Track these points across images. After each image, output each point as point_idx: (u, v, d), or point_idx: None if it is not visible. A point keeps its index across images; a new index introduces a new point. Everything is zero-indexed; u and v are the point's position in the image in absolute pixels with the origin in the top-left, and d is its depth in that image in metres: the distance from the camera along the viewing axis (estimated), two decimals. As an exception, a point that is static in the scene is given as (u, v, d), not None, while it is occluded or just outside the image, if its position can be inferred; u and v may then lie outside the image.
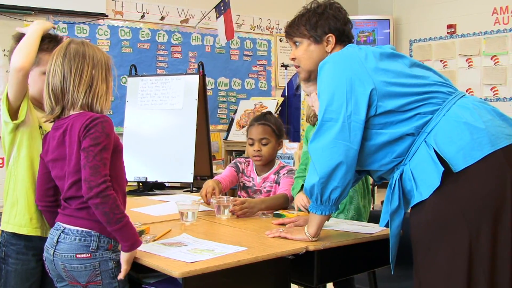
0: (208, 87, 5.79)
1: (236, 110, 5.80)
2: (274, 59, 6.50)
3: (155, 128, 4.27)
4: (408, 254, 1.77)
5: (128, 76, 4.52)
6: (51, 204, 1.81)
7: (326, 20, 1.94)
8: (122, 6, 5.39)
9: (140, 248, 1.68)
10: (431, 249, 1.65)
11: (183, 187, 4.38)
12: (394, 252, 1.78)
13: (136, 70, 4.54)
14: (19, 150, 1.92)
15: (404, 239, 1.80)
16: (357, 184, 2.31)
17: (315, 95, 2.24)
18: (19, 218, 1.91)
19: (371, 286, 2.23)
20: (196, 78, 4.25)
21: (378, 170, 1.82)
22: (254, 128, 2.60)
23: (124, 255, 1.65)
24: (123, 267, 1.66)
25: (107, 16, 5.25)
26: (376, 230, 2.02)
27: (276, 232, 1.93)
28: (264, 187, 2.61)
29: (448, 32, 6.54)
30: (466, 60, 6.39)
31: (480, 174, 1.61)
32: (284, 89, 5.78)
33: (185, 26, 5.81)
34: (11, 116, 1.87)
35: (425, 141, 1.69)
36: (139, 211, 2.46)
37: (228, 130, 5.67)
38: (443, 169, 1.61)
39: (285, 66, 5.74)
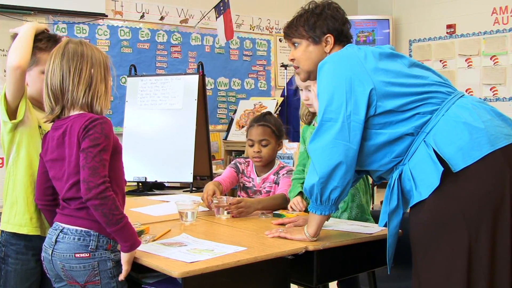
0: (208, 87, 5.79)
1: (235, 110, 5.80)
2: (273, 59, 6.51)
3: (154, 128, 4.26)
4: (407, 254, 1.77)
5: (127, 76, 4.52)
6: (50, 203, 1.81)
7: (325, 21, 1.93)
8: (122, 6, 5.39)
9: (140, 248, 1.68)
10: (431, 249, 1.66)
11: (183, 187, 4.37)
12: (391, 252, 1.78)
13: (135, 70, 4.54)
14: (18, 150, 1.92)
15: (403, 239, 1.80)
16: (358, 182, 2.31)
17: (312, 87, 2.25)
18: (19, 218, 1.91)
19: (370, 286, 2.23)
20: (195, 78, 4.25)
21: (377, 170, 1.82)
22: (253, 129, 2.59)
23: (124, 256, 1.65)
24: (124, 267, 1.66)
25: (107, 16, 5.25)
26: (375, 230, 2.02)
27: (275, 232, 1.93)
28: (264, 188, 2.61)
29: (447, 32, 6.54)
30: (466, 60, 6.40)
31: (479, 174, 1.61)
32: (284, 89, 5.78)
33: (184, 26, 5.81)
34: (9, 115, 1.86)
35: (424, 141, 1.69)
36: (138, 211, 2.46)
37: (228, 130, 5.66)
38: (442, 169, 1.61)
39: (284, 66, 5.74)
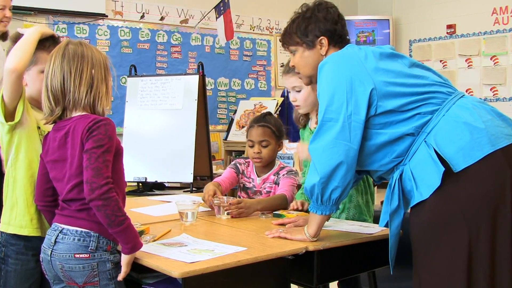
0: (208, 87, 5.79)
1: (235, 110, 5.80)
2: (273, 59, 6.51)
3: (154, 128, 4.26)
4: (407, 254, 1.77)
5: (127, 76, 4.52)
6: (51, 204, 1.81)
7: (315, 24, 1.92)
8: (122, 6, 5.39)
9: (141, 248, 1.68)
10: (431, 248, 1.66)
11: (183, 187, 4.37)
12: (393, 252, 1.78)
13: (135, 70, 4.54)
14: (17, 152, 1.92)
15: (403, 239, 1.80)
16: (358, 183, 2.30)
17: (299, 88, 2.26)
18: (20, 219, 1.91)
19: (371, 286, 2.23)
20: (195, 78, 4.25)
21: (378, 170, 1.82)
22: (254, 130, 2.59)
23: (125, 257, 1.65)
24: (123, 269, 1.66)
25: (107, 16, 5.26)
26: (376, 230, 2.02)
27: (275, 232, 1.93)
28: (264, 188, 2.60)
29: (447, 32, 6.54)
30: (466, 60, 6.40)
31: (480, 174, 1.61)
32: (284, 89, 5.78)
33: (184, 26, 5.81)
34: (6, 117, 1.86)
35: (425, 141, 1.69)
36: (138, 211, 2.46)
37: (228, 130, 5.66)
38: (444, 169, 1.61)
39: (284, 66, 5.73)
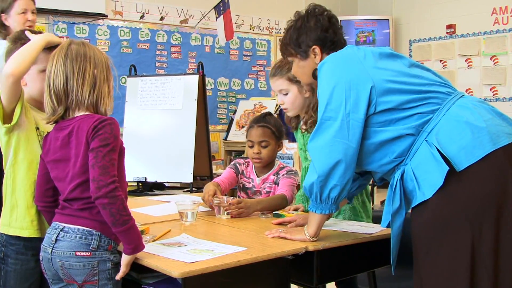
0: (208, 87, 5.79)
1: (235, 110, 5.80)
2: (273, 59, 6.50)
3: (154, 128, 4.26)
4: (408, 254, 1.77)
5: (127, 76, 4.51)
6: (51, 204, 1.81)
7: (306, 34, 1.92)
8: (122, 6, 5.39)
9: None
10: (433, 248, 1.66)
11: (183, 187, 4.37)
12: (395, 253, 1.78)
13: (135, 70, 4.53)
14: (16, 153, 1.92)
15: (404, 239, 1.80)
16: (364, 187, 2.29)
17: (286, 90, 2.26)
18: (20, 221, 1.90)
19: (371, 286, 2.23)
20: (195, 78, 4.24)
21: (379, 170, 1.82)
22: (253, 130, 2.59)
23: (125, 258, 1.65)
24: (122, 269, 1.66)
25: (107, 16, 5.25)
26: (375, 230, 2.02)
27: (275, 233, 1.93)
28: (263, 188, 2.60)
29: (447, 32, 6.54)
30: (466, 60, 6.40)
31: (481, 173, 1.62)
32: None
33: (184, 26, 5.81)
34: (4, 119, 1.85)
35: (426, 140, 1.69)
36: (138, 211, 2.46)
37: (228, 130, 5.66)
38: (447, 168, 1.61)
39: (284, 67, 5.73)
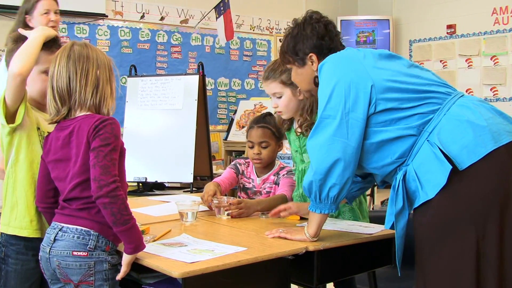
0: (208, 87, 5.78)
1: (236, 111, 5.80)
2: (273, 59, 6.50)
3: (155, 128, 4.26)
4: (408, 254, 1.77)
5: (128, 77, 4.52)
6: (51, 205, 1.81)
7: (303, 42, 1.93)
8: (122, 6, 5.39)
9: (142, 249, 1.68)
10: (437, 248, 1.65)
11: (183, 187, 4.37)
12: (400, 254, 1.78)
13: (135, 71, 4.53)
14: (17, 153, 1.92)
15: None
16: (367, 190, 2.29)
17: (280, 94, 2.26)
18: (20, 221, 1.91)
19: (371, 286, 2.24)
20: (196, 79, 4.24)
21: (381, 171, 1.81)
22: (253, 131, 2.58)
23: (126, 257, 1.65)
24: (123, 268, 1.66)
25: (107, 16, 5.25)
26: (375, 230, 2.02)
27: (276, 233, 1.93)
28: (264, 188, 2.60)
29: (447, 33, 6.53)
30: (466, 61, 6.39)
31: (484, 172, 1.62)
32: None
33: (185, 26, 5.81)
34: (7, 119, 1.86)
35: (427, 140, 1.69)
36: (139, 211, 2.46)
37: (228, 131, 5.66)
38: (451, 167, 1.61)
39: (284, 67, 5.72)
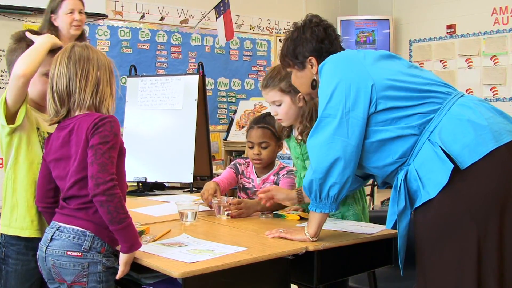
0: (208, 87, 5.78)
1: (235, 111, 5.80)
2: (274, 59, 6.50)
3: (154, 128, 4.26)
4: (408, 254, 1.77)
5: (127, 77, 4.52)
6: (51, 205, 1.81)
7: (302, 45, 1.93)
8: (122, 6, 5.39)
9: (140, 248, 1.68)
10: (439, 247, 1.66)
11: (183, 187, 4.37)
12: (402, 254, 1.78)
13: (135, 71, 4.53)
14: (17, 154, 1.92)
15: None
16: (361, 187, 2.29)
17: (279, 101, 2.25)
18: (20, 221, 1.91)
19: (371, 286, 2.23)
20: (195, 79, 4.24)
21: (382, 172, 1.81)
22: (253, 131, 2.58)
23: (123, 257, 1.65)
24: (121, 268, 1.66)
25: (107, 16, 5.25)
26: (376, 230, 2.02)
27: (275, 233, 1.93)
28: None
29: (447, 33, 6.53)
30: (466, 60, 6.39)
31: (485, 171, 1.62)
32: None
33: (184, 26, 5.81)
34: (7, 120, 1.86)
35: (428, 139, 1.69)
36: (138, 211, 2.46)
37: (228, 131, 5.66)
38: (452, 166, 1.61)
39: (285, 67, 5.72)
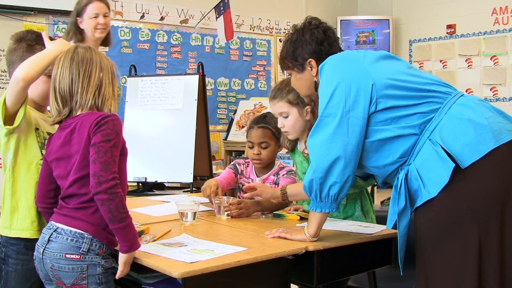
0: (208, 87, 5.79)
1: (235, 111, 5.80)
2: (273, 59, 6.50)
3: (154, 128, 4.26)
4: (408, 254, 1.77)
5: (127, 76, 4.51)
6: (51, 206, 1.81)
7: (302, 48, 1.94)
8: (122, 6, 5.39)
9: (140, 248, 1.68)
10: (439, 246, 1.66)
11: (183, 187, 4.37)
12: (402, 253, 1.78)
13: (135, 71, 4.53)
14: (15, 155, 1.92)
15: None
16: (359, 191, 2.29)
17: (286, 113, 2.25)
18: (21, 223, 1.91)
19: (371, 286, 2.23)
20: (195, 79, 4.24)
21: (383, 171, 1.81)
22: (253, 131, 2.58)
23: (122, 256, 1.65)
24: (120, 268, 1.66)
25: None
26: (376, 230, 2.02)
27: (275, 233, 1.93)
28: (263, 188, 2.60)
29: (447, 32, 6.53)
30: (466, 60, 6.39)
31: (486, 170, 1.62)
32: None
33: (184, 26, 5.81)
34: (5, 121, 1.86)
35: (429, 139, 1.70)
36: (138, 211, 2.46)
37: (228, 131, 5.66)
38: (453, 165, 1.61)
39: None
